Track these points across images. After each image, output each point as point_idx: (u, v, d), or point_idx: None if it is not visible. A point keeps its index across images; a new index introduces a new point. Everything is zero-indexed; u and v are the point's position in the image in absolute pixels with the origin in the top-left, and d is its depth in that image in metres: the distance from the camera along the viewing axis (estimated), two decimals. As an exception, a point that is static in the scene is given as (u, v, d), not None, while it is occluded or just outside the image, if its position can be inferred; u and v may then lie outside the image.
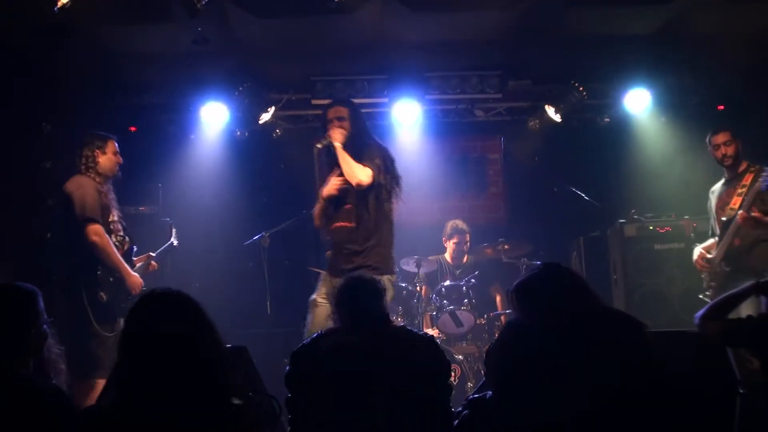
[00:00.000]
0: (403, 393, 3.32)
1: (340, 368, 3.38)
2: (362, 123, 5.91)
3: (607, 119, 8.69)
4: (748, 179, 6.13)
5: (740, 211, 6.00)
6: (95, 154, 5.90)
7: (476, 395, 3.22)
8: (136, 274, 5.89)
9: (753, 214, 5.93)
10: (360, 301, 3.62)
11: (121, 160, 6.04)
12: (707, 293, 6.29)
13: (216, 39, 6.94)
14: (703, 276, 6.39)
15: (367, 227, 5.61)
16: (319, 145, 5.70)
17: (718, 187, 6.41)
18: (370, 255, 5.55)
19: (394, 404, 3.29)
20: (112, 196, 5.95)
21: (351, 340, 3.48)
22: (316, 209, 5.83)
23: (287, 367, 3.54)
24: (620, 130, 8.58)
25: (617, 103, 8.43)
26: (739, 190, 6.14)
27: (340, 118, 5.78)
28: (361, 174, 5.60)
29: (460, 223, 8.11)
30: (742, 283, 3.80)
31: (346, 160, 5.62)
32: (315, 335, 3.64)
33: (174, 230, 6.88)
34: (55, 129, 7.61)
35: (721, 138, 6.28)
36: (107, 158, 5.94)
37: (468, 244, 8.07)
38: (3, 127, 6.92)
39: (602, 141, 8.66)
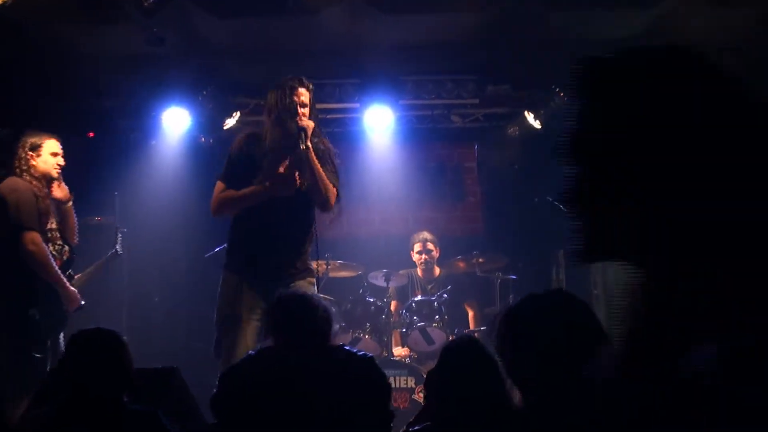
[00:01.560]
0: (340, 419, 3.28)
1: (276, 391, 3.35)
2: (317, 116, 5.31)
3: (589, 126, 8.67)
4: None
5: None
6: (28, 156, 5.71)
7: (415, 428, 3.13)
8: (73, 288, 5.73)
9: None
10: (301, 317, 3.58)
11: (62, 161, 5.82)
12: None
13: (176, 40, 6.97)
14: None
15: (309, 234, 5.23)
16: (303, 147, 4.92)
17: None
18: (306, 261, 5.23)
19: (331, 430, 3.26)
20: (51, 200, 5.76)
21: (289, 361, 3.47)
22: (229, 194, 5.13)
23: (214, 390, 3.50)
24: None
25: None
26: None
27: (304, 106, 5.09)
28: (332, 196, 5.13)
29: (423, 233, 8.12)
30: None
31: (322, 177, 5.04)
32: (248, 355, 3.62)
33: (119, 236, 6.79)
34: (13, 134, 7.60)
35: None
36: (43, 160, 5.74)
37: (433, 253, 8.05)
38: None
39: (584, 149, 8.66)
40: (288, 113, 5.04)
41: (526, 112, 8.48)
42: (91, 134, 8.46)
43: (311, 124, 5.01)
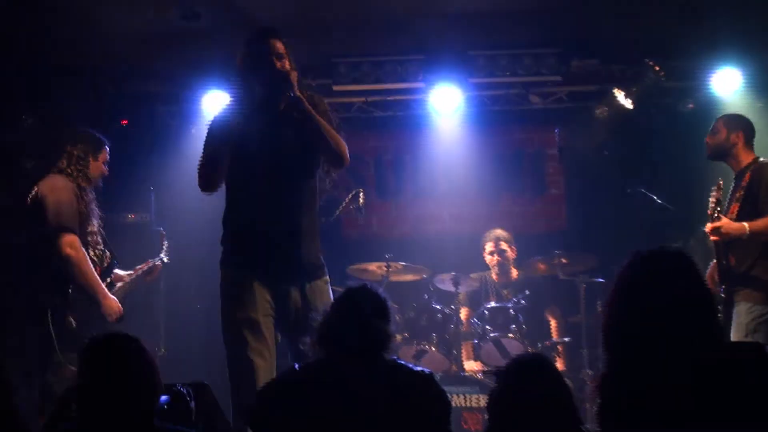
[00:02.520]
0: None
1: (323, 410, 3.29)
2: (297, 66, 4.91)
3: (690, 105, 8.42)
4: (746, 179, 5.90)
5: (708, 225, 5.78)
6: (88, 156, 5.86)
7: None
8: (113, 297, 5.78)
9: (714, 224, 5.72)
10: (365, 323, 3.46)
11: (107, 171, 6.01)
12: None
13: (213, 15, 6.85)
14: None
15: (316, 215, 4.92)
16: (291, 94, 4.57)
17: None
18: (318, 252, 4.92)
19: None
20: (93, 204, 5.89)
21: (339, 376, 3.39)
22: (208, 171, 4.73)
23: (254, 408, 3.47)
24: (706, 117, 8.17)
25: (702, 86, 8.19)
26: (737, 194, 5.91)
27: (279, 57, 4.75)
28: (344, 149, 4.75)
29: (496, 230, 7.97)
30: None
31: (324, 125, 4.70)
32: (291, 368, 3.53)
33: (165, 243, 6.73)
34: (37, 122, 7.57)
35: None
36: (97, 165, 5.91)
37: (508, 254, 7.89)
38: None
39: (684, 131, 8.31)
40: (261, 62, 4.70)
41: (615, 90, 8.21)
42: (124, 122, 8.40)
43: (294, 72, 4.68)
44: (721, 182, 5.87)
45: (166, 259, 6.64)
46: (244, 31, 7.25)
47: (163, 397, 3.35)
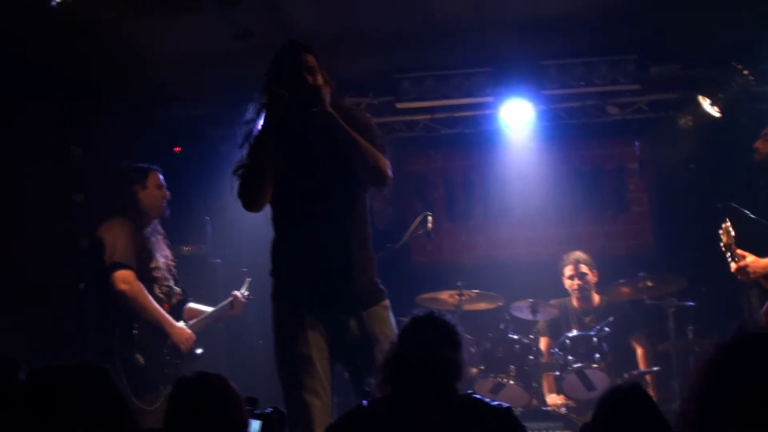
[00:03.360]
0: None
1: None
2: (331, 80, 4.90)
3: (783, 110, 8.27)
4: None
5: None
6: (135, 189, 6.05)
7: None
8: (182, 325, 6.00)
9: (739, 263, 5.83)
10: (435, 355, 3.41)
11: (168, 194, 6.22)
12: None
13: (266, 30, 6.90)
14: None
15: (367, 239, 4.86)
16: (321, 109, 4.59)
17: None
18: (373, 275, 4.86)
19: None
20: (157, 238, 6.13)
21: (409, 416, 3.35)
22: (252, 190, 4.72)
23: None
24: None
25: (797, 89, 8.04)
26: None
27: (311, 71, 4.75)
28: (385, 164, 4.71)
29: (575, 253, 7.94)
30: None
31: (358, 140, 4.66)
32: (358, 407, 3.48)
33: (248, 281, 6.93)
34: (86, 152, 7.69)
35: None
36: (148, 194, 6.11)
37: (589, 277, 7.84)
38: (22, 152, 6.97)
39: (779, 140, 8.24)
40: (292, 77, 4.70)
41: (700, 98, 8.17)
42: (177, 149, 8.47)
43: (325, 87, 4.68)
44: (727, 225, 5.86)
45: (247, 294, 6.83)
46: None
47: (255, 423, 3.33)
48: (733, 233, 5.88)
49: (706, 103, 8.10)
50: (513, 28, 7.51)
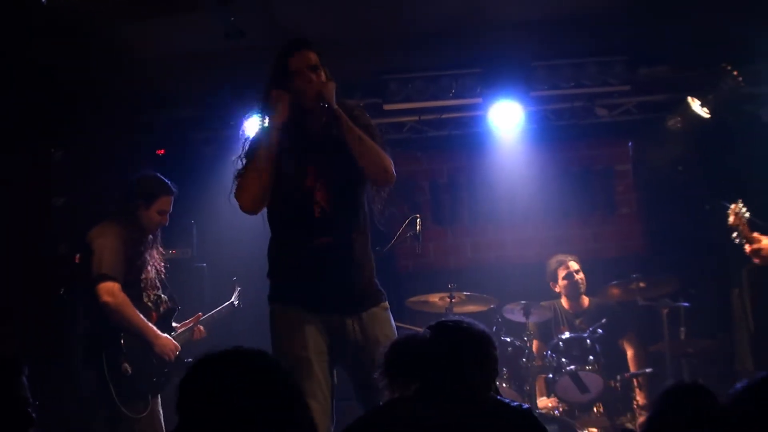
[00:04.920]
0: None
1: None
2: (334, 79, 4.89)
3: (773, 112, 8.36)
4: None
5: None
6: (137, 205, 5.99)
7: None
8: (167, 335, 5.94)
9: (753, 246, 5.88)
10: (464, 366, 3.34)
11: (166, 221, 6.15)
12: None
13: (257, 31, 6.89)
14: None
15: (366, 240, 4.87)
16: (326, 105, 4.56)
17: None
18: (372, 275, 4.86)
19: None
20: (150, 248, 6.08)
21: (429, 418, 3.26)
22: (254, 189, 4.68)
23: None
24: (791, 124, 8.23)
25: (786, 91, 8.11)
26: None
27: (313, 68, 4.74)
28: (388, 162, 4.71)
29: (561, 255, 7.96)
30: None
31: (363, 138, 4.65)
32: (374, 409, 3.47)
33: (238, 289, 7.01)
34: (67, 155, 7.64)
35: None
36: (147, 215, 6.03)
37: (578, 277, 7.85)
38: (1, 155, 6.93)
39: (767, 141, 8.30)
40: (295, 75, 4.70)
41: (690, 99, 8.22)
42: (161, 152, 8.45)
43: (330, 83, 4.67)
44: (738, 206, 5.90)
45: (236, 303, 6.96)
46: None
47: None
48: (746, 215, 5.87)
49: (695, 105, 8.15)
50: (502, 29, 7.54)
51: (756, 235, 5.92)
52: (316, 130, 4.74)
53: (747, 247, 5.87)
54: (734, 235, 5.93)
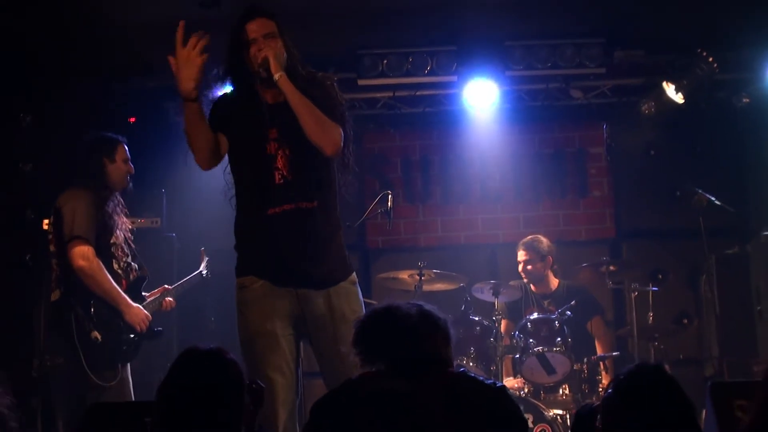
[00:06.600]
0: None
1: (381, 426, 3.17)
2: (296, 49, 4.88)
3: (745, 99, 8.33)
4: None
5: None
6: (102, 161, 5.97)
7: None
8: (138, 305, 5.91)
9: None
10: (415, 335, 3.39)
11: (132, 168, 6.14)
12: None
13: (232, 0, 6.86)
14: None
15: (332, 210, 4.85)
16: (262, 73, 4.62)
17: None
18: (341, 249, 4.86)
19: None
20: (117, 211, 6.05)
21: (400, 391, 3.27)
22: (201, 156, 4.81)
23: (306, 422, 3.39)
24: (762, 112, 8.29)
25: (759, 78, 8.13)
26: None
27: (269, 36, 4.72)
28: (334, 132, 4.66)
29: (528, 238, 7.88)
30: None
31: (308, 106, 4.62)
32: (347, 382, 3.45)
33: (206, 259, 7.00)
34: (36, 121, 7.59)
35: None
36: (115, 167, 6.02)
37: (540, 264, 7.80)
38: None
39: (740, 128, 8.42)
40: (240, 50, 4.79)
41: (664, 83, 8.25)
42: (132, 119, 8.41)
43: (272, 51, 4.63)
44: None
45: (205, 273, 6.95)
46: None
47: None
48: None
49: (670, 89, 8.18)
50: (479, 7, 7.53)
51: None
52: (277, 98, 4.71)
53: None
54: None
